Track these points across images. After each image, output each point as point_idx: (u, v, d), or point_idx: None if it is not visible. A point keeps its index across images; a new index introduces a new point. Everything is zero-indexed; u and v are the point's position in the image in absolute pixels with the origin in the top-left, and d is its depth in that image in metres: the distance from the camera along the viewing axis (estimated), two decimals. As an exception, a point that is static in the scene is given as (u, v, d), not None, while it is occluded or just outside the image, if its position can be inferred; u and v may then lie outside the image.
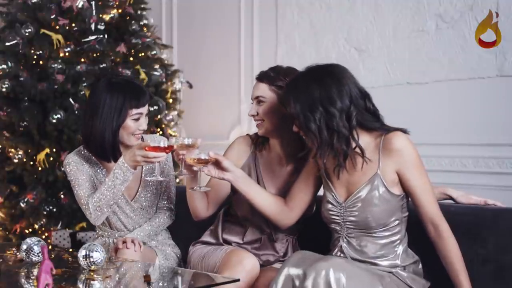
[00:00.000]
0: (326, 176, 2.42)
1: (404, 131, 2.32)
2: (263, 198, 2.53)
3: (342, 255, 2.37)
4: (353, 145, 2.28)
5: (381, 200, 2.30)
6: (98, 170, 2.83)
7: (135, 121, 2.73)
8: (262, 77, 2.59)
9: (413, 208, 2.36)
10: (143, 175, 2.86)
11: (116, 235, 2.87)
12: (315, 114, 2.24)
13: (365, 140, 2.31)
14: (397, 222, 2.34)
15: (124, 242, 2.67)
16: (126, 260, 2.56)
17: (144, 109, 2.77)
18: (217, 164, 2.44)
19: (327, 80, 2.27)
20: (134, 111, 2.72)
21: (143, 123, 2.76)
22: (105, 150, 2.74)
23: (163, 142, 2.51)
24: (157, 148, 2.51)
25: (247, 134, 2.79)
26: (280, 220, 2.55)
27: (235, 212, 2.74)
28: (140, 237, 2.78)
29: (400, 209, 2.35)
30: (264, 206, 2.53)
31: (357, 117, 2.27)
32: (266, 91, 2.57)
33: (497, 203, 2.48)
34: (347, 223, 2.35)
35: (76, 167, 2.79)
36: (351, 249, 2.35)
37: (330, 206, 2.39)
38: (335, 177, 2.37)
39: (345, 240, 2.37)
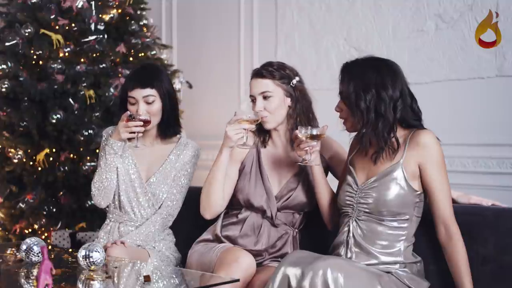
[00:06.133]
0: (350, 164, 2.49)
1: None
2: (331, 192, 2.60)
3: (347, 239, 2.39)
4: (391, 136, 2.36)
5: (397, 188, 2.34)
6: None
7: (131, 105, 2.85)
8: (263, 73, 2.66)
9: (427, 208, 2.39)
10: (168, 158, 2.92)
11: (125, 218, 2.91)
12: (366, 95, 2.34)
13: (398, 134, 2.39)
14: (407, 217, 2.36)
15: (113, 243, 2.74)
16: (117, 258, 2.58)
17: (137, 94, 2.83)
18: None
19: (384, 70, 2.38)
20: (129, 93, 2.85)
21: (141, 109, 2.82)
22: None
23: (144, 116, 2.75)
24: (135, 119, 2.74)
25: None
26: (330, 216, 2.61)
27: (236, 200, 2.75)
28: (132, 241, 2.82)
29: (413, 206, 2.37)
30: (327, 198, 2.59)
31: (402, 112, 2.37)
32: (271, 86, 2.65)
33: (496, 202, 2.50)
34: (360, 205, 2.39)
35: (105, 142, 2.92)
36: (359, 231, 2.39)
37: (348, 188, 2.45)
38: (358, 164, 2.46)
39: (354, 222, 2.40)
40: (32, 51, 4.16)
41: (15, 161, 4.12)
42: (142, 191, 2.90)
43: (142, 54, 4.44)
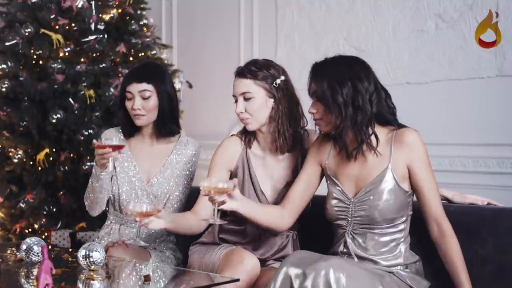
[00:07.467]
0: (330, 173, 2.44)
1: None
2: (264, 213, 2.49)
3: (346, 250, 2.38)
4: (370, 131, 2.31)
5: (391, 195, 2.32)
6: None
7: (128, 101, 2.84)
8: (245, 73, 2.59)
9: (418, 206, 2.37)
10: (168, 158, 2.90)
11: (126, 219, 2.90)
12: (343, 88, 2.30)
13: (379, 134, 2.35)
14: (403, 219, 2.36)
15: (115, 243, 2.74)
16: (118, 258, 2.58)
17: (134, 89, 2.82)
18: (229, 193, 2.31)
19: (357, 65, 2.37)
20: (126, 88, 2.84)
21: (135, 104, 2.81)
22: (123, 125, 2.94)
23: (115, 140, 2.61)
24: (105, 146, 2.55)
25: (232, 135, 2.76)
26: (278, 225, 2.54)
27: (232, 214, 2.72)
28: (135, 241, 2.83)
29: (407, 207, 2.37)
30: (265, 221, 2.50)
31: (377, 106, 2.34)
32: (252, 86, 2.57)
33: (492, 201, 2.51)
34: (355, 218, 2.36)
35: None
36: (355, 244, 2.37)
37: (336, 202, 2.41)
38: (341, 173, 2.41)
39: (350, 236, 2.38)
40: (32, 51, 4.16)
41: (15, 161, 4.12)
42: (143, 192, 2.89)
43: (142, 54, 4.44)
